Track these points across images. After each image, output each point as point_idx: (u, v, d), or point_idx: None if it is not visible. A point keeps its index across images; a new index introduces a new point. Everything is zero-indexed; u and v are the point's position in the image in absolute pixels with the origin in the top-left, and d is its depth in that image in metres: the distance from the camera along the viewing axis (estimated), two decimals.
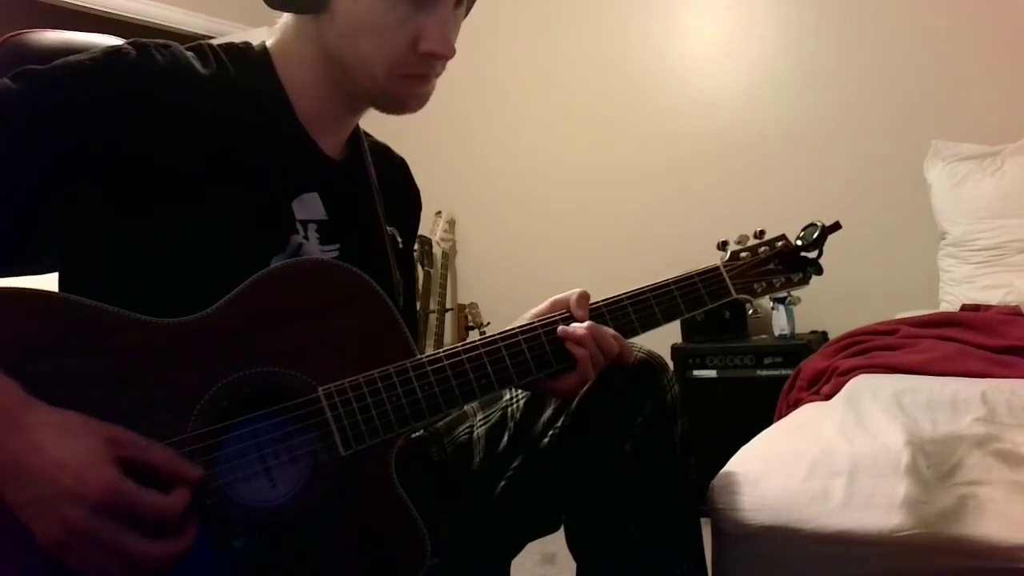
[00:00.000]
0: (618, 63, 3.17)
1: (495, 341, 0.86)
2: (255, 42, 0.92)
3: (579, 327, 0.88)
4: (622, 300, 0.93)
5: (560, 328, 0.88)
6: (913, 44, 2.71)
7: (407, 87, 0.87)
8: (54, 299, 0.73)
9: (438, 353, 0.83)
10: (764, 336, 2.71)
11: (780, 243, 1.04)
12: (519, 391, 1.02)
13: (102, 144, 0.77)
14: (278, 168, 0.88)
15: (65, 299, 0.74)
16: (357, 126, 0.99)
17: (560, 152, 3.29)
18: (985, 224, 2.31)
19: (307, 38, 0.88)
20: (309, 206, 0.90)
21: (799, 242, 1.04)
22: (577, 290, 0.92)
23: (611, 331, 0.90)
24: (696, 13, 3.06)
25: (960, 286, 2.34)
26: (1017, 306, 1.99)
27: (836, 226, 1.03)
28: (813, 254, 1.04)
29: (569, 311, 0.91)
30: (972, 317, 1.90)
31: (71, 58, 0.79)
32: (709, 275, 0.99)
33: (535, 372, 0.87)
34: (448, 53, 0.85)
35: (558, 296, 0.93)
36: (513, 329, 0.88)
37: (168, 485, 0.67)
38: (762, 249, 1.03)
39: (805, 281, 1.04)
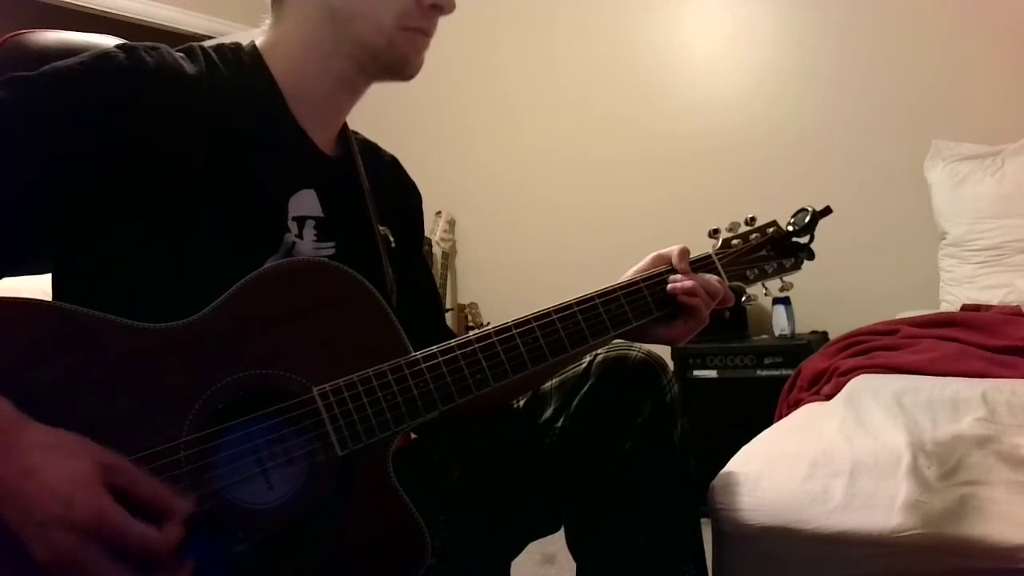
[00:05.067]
0: (618, 63, 3.17)
1: (489, 335, 0.85)
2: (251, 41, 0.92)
3: (686, 280, 0.94)
4: (615, 291, 0.93)
5: (670, 286, 0.94)
6: (913, 44, 2.71)
7: (411, 42, 0.90)
8: (43, 308, 0.72)
9: (432, 349, 0.82)
10: (764, 336, 2.71)
11: (771, 229, 1.04)
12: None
13: (93, 148, 0.76)
14: (273, 166, 0.87)
15: (54, 307, 0.73)
16: (345, 124, 0.99)
17: (560, 152, 3.29)
18: (985, 224, 2.31)
19: (302, 18, 0.89)
20: (306, 203, 0.90)
21: (790, 227, 1.03)
22: (678, 246, 0.98)
23: (714, 277, 0.97)
24: (696, 13, 3.06)
25: (960, 286, 2.34)
26: (1018, 306, 2.00)
27: (827, 210, 1.03)
28: (804, 239, 1.03)
29: (671, 266, 0.96)
30: (972, 317, 1.90)
31: (60, 63, 0.78)
32: (701, 263, 0.99)
33: (529, 366, 0.86)
34: (450, 7, 0.90)
35: (661, 251, 0.99)
36: (508, 323, 0.87)
37: (158, 517, 0.66)
38: (753, 236, 1.03)
39: (797, 266, 1.04)
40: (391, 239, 1.01)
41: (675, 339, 0.97)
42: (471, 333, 0.86)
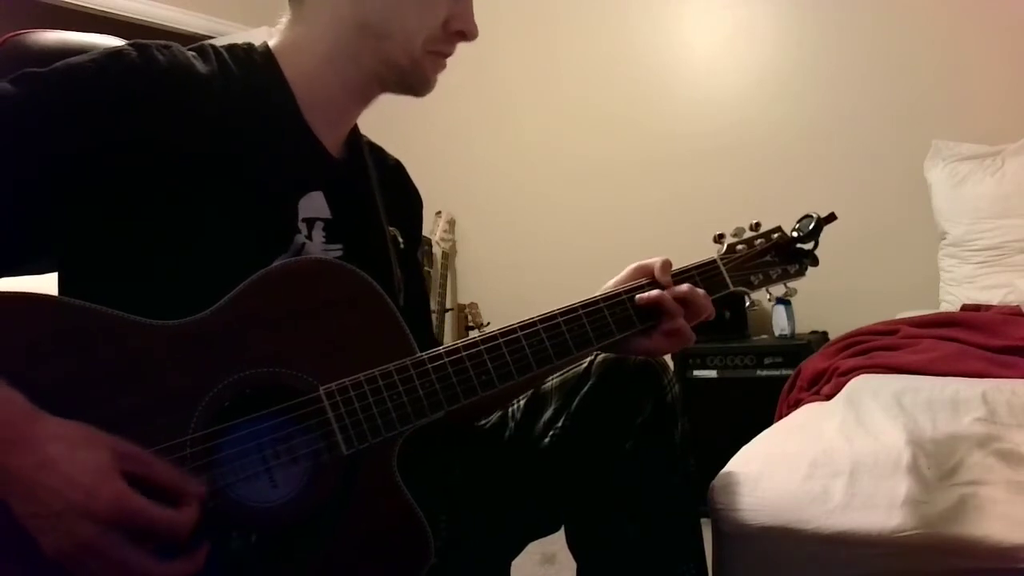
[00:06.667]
0: (619, 63, 3.17)
1: (495, 337, 0.85)
2: (256, 42, 0.92)
3: (668, 291, 0.92)
4: (620, 294, 0.93)
5: (644, 294, 0.92)
6: (913, 44, 2.71)
7: (433, 65, 0.93)
8: (51, 303, 0.72)
9: (439, 350, 0.83)
10: (764, 336, 2.71)
11: (776, 235, 1.04)
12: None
13: (104, 145, 0.76)
14: (283, 167, 0.88)
15: (62, 303, 0.73)
16: (355, 125, 1.00)
17: (560, 152, 3.29)
18: (985, 224, 2.31)
19: (326, 24, 0.89)
20: (314, 205, 0.90)
21: (795, 234, 1.04)
22: (660, 258, 0.96)
23: (700, 291, 0.94)
24: (696, 13, 3.06)
25: (960, 286, 2.34)
26: (1018, 306, 2.00)
27: (831, 217, 1.03)
28: (809, 245, 1.03)
29: (654, 278, 0.94)
30: (972, 317, 1.90)
31: (72, 60, 0.78)
32: (706, 268, 0.99)
33: (534, 367, 0.86)
34: (474, 34, 0.92)
35: (642, 262, 0.97)
36: (513, 326, 0.87)
37: (174, 501, 0.67)
38: (758, 241, 1.03)
39: (802, 272, 1.04)
40: (400, 240, 1.02)
41: (655, 351, 0.95)
42: (476, 335, 0.86)
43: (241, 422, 0.74)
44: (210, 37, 3.33)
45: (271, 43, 0.92)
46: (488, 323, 3.27)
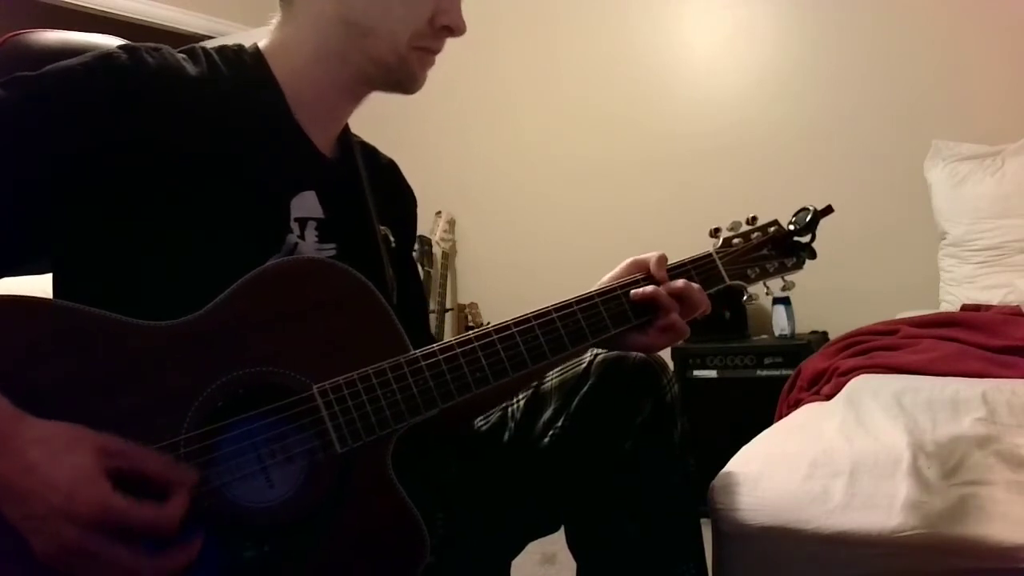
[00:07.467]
0: (619, 63, 3.17)
1: (489, 334, 0.85)
2: (255, 43, 0.92)
3: (663, 286, 0.92)
4: (615, 289, 0.93)
5: (639, 290, 0.92)
6: (913, 44, 2.71)
7: (420, 61, 0.92)
8: (44, 306, 0.72)
9: (432, 347, 0.82)
10: (764, 336, 2.71)
11: (772, 228, 1.04)
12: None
13: (95, 148, 0.77)
14: (275, 167, 0.88)
15: (55, 305, 0.74)
16: (347, 125, 1.00)
17: (560, 152, 3.29)
18: (985, 224, 2.31)
19: (311, 22, 0.89)
20: (306, 205, 0.90)
21: (791, 227, 1.03)
22: (656, 253, 0.95)
23: (695, 285, 0.94)
24: (696, 13, 3.06)
25: (960, 286, 2.34)
26: (1018, 306, 2.00)
27: (828, 210, 1.02)
28: (806, 238, 1.03)
29: (649, 273, 0.94)
30: (972, 317, 1.90)
31: (62, 64, 0.79)
32: (702, 262, 0.98)
33: (529, 364, 0.86)
34: (461, 30, 0.91)
35: (638, 257, 0.96)
36: (507, 322, 0.87)
37: (163, 493, 0.66)
38: (755, 235, 1.03)
39: (799, 266, 1.04)
40: (391, 239, 1.02)
41: (651, 346, 0.95)
42: (470, 332, 0.86)
43: (234, 422, 0.74)
44: (210, 37, 3.34)
45: (262, 44, 0.92)
46: (488, 323, 3.26)
